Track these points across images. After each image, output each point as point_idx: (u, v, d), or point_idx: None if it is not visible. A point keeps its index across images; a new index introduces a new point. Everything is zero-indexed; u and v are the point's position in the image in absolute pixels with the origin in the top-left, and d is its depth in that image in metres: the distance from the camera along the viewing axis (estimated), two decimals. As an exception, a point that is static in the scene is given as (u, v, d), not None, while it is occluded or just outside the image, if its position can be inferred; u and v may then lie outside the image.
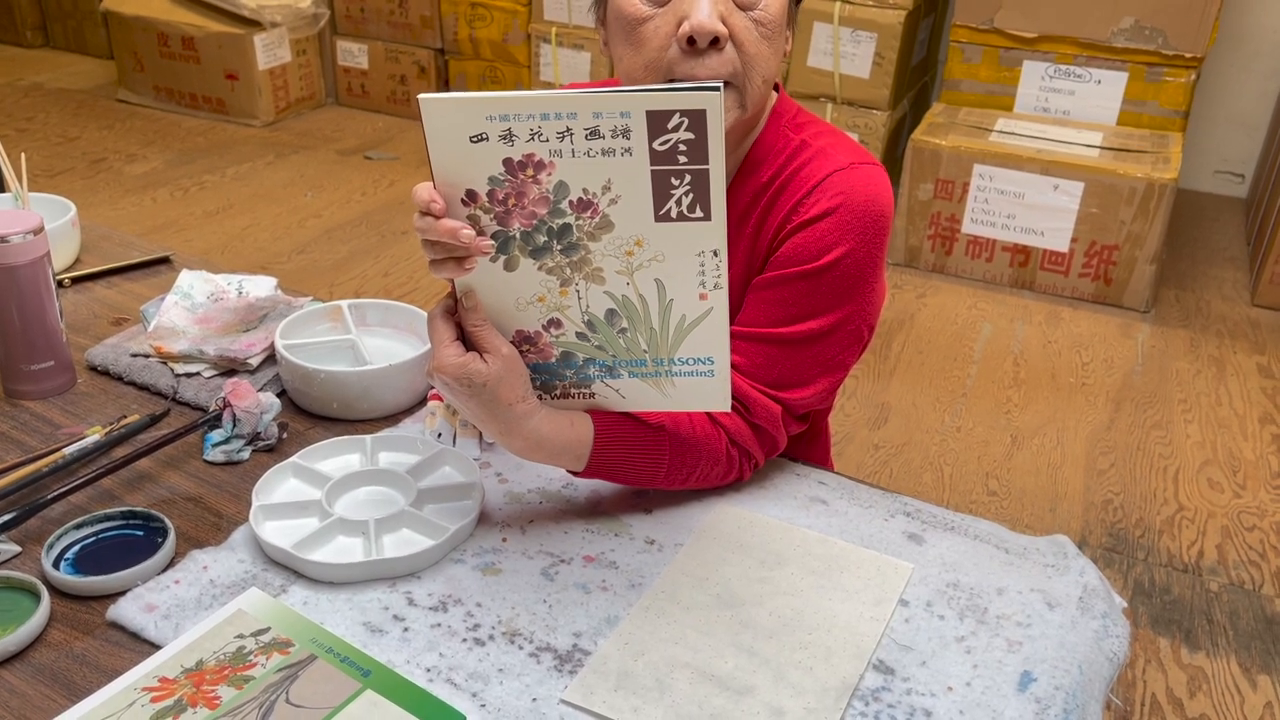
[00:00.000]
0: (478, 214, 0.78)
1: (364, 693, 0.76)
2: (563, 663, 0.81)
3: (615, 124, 0.72)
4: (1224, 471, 2.29)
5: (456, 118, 0.73)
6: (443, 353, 0.82)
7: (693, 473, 0.96)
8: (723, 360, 0.85)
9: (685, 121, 0.71)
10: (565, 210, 0.77)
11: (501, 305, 0.83)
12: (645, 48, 0.92)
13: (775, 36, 0.93)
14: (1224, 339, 2.84)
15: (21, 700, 0.76)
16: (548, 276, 0.81)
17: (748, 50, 0.92)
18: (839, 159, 1.00)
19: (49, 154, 3.70)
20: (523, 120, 0.73)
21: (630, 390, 0.88)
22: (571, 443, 0.89)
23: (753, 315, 1.00)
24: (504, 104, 0.72)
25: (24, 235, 1.04)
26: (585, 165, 0.74)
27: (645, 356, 0.85)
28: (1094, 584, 0.91)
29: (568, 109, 0.72)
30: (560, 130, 0.73)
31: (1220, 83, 3.63)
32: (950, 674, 0.81)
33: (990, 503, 2.16)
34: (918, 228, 3.11)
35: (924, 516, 0.99)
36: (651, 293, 0.81)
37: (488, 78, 3.99)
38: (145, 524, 0.92)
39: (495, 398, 0.83)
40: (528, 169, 0.75)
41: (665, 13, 0.91)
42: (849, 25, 3.25)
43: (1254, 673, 1.77)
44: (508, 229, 0.78)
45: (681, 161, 0.74)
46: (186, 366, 1.14)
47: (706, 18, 0.88)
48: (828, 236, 0.97)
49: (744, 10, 0.91)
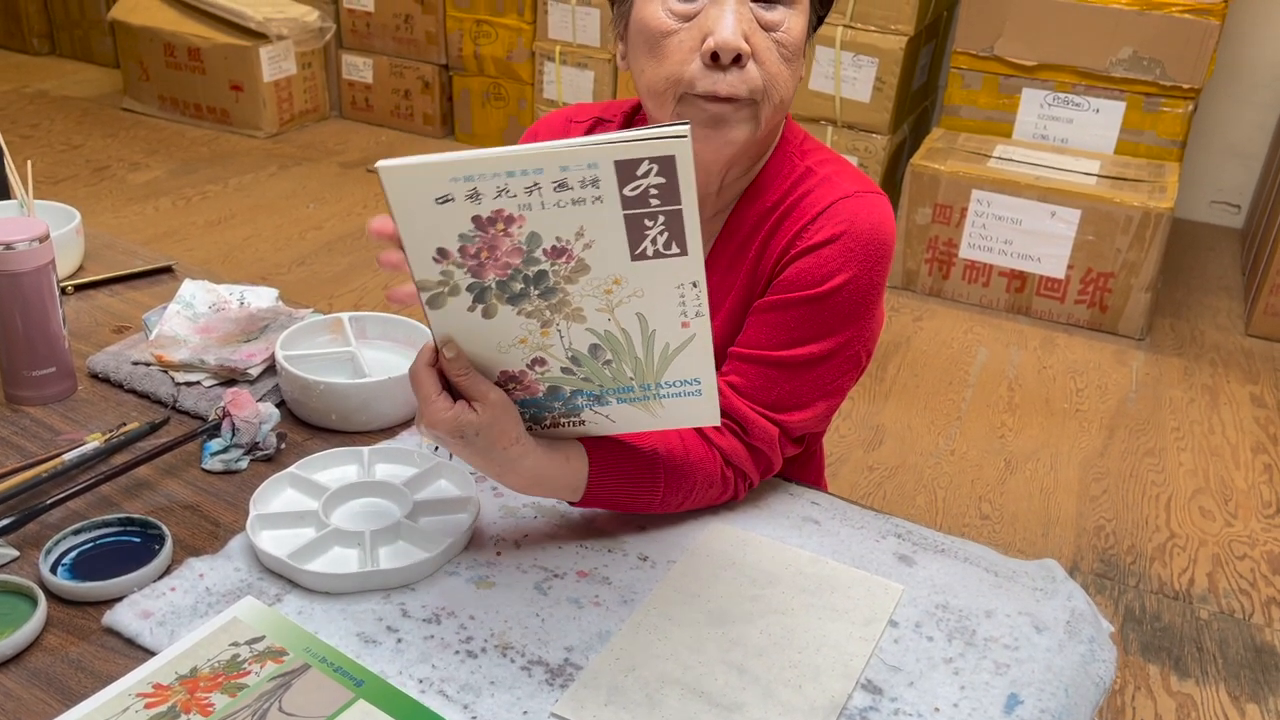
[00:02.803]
0: (451, 269, 0.76)
1: (356, 702, 0.76)
2: (554, 676, 0.81)
3: (583, 175, 0.71)
4: (1216, 500, 2.30)
5: (419, 183, 0.71)
6: (431, 407, 0.81)
7: (688, 497, 0.97)
8: (709, 379, 0.84)
9: (655, 167, 0.70)
10: (540, 258, 0.76)
11: (484, 350, 0.82)
12: (668, 61, 0.94)
13: (795, 59, 0.95)
14: (1218, 368, 2.86)
15: (16, 704, 0.77)
16: (527, 320, 0.80)
17: (769, 70, 0.93)
18: (844, 186, 1.01)
19: (53, 161, 3.71)
20: (488, 179, 0.71)
21: (619, 415, 0.88)
22: (567, 476, 0.90)
23: (754, 337, 1.01)
24: (467, 165, 0.70)
25: (30, 243, 1.05)
26: (556, 215, 0.73)
27: (632, 384, 0.85)
28: (1082, 608, 0.92)
29: (533, 165, 0.70)
30: (528, 185, 0.71)
31: (1217, 114, 3.66)
32: (938, 695, 0.82)
33: (983, 526, 2.17)
34: (915, 251, 3.13)
35: (915, 538, 1.00)
36: (634, 326, 0.80)
37: (491, 94, 4.02)
38: (143, 531, 0.93)
39: (490, 444, 0.83)
40: (497, 224, 0.73)
41: (690, 27, 0.93)
42: (851, 50, 3.27)
43: (1243, 701, 1.77)
44: (483, 280, 0.77)
45: (654, 204, 0.72)
46: (187, 375, 1.15)
47: (731, 34, 0.90)
48: (831, 263, 0.99)
49: (767, 30, 0.93)
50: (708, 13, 0.92)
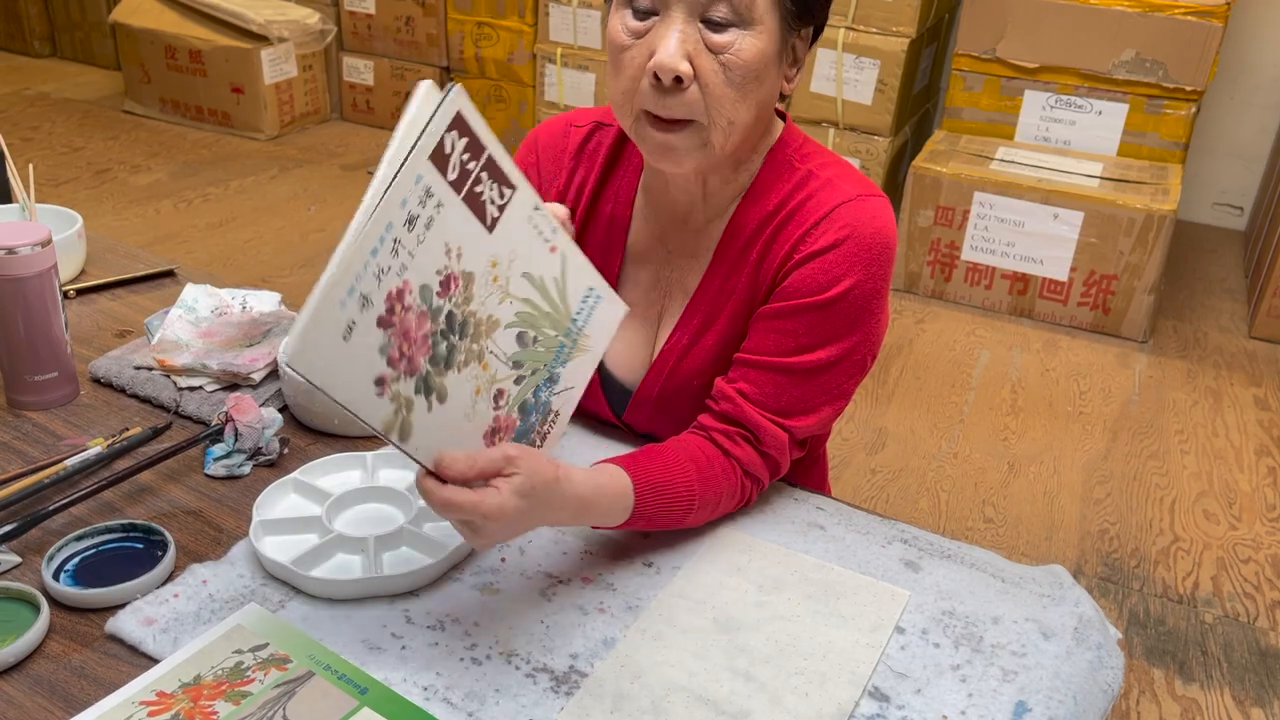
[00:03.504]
0: (395, 389, 0.73)
1: (361, 710, 0.76)
2: (559, 684, 0.81)
3: (419, 195, 0.70)
4: (1220, 503, 2.30)
5: (319, 335, 0.67)
6: (483, 507, 0.77)
7: (715, 510, 0.98)
8: (597, 279, 0.88)
9: (454, 133, 0.71)
10: (440, 304, 0.75)
11: (458, 431, 0.80)
12: (622, 76, 0.95)
13: (747, 82, 0.92)
14: (1221, 370, 2.85)
15: (19, 712, 0.76)
16: (468, 369, 0.79)
17: (713, 93, 0.92)
18: (846, 190, 1.01)
19: (54, 163, 3.71)
20: (364, 276, 0.68)
21: (571, 377, 0.90)
22: (616, 485, 0.89)
23: (761, 344, 1.01)
24: (343, 278, 0.67)
25: (32, 247, 1.05)
26: (424, 252, 0.72)
27: (560, 340, 0.87)
28: (1089, 614, 0.91)
29: (382, 225, 0.68)
30: (390, 248, 0.70)
31: (1220, 116, 3.65)
32: (945, 702, 0.82)
33: (986, 530, 2.17)
34: (917, 254, 3.13)
35: (921, 544, 0.99)
36: (527, 289, 0.82)
37: (492, 96, 4.01)
38: (145, 537, 0.92)
39: (540, 484, 0.80)
40: (395, 309, 0.71)
41: (642, 45, 0.92)
42: (852, 52, 3.27)
43: (1247, 705, 1.77)
44: (419, 370, 0.75)
45: (471, 167, 0.73)
46: (189, 380, 1.14)
47: (668, 57, 0.89)
48: (836, 268, 0.98)
49: (715, 53, 0.91)
50: (656, 32, 0.91)
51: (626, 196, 1.09)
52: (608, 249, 1.10)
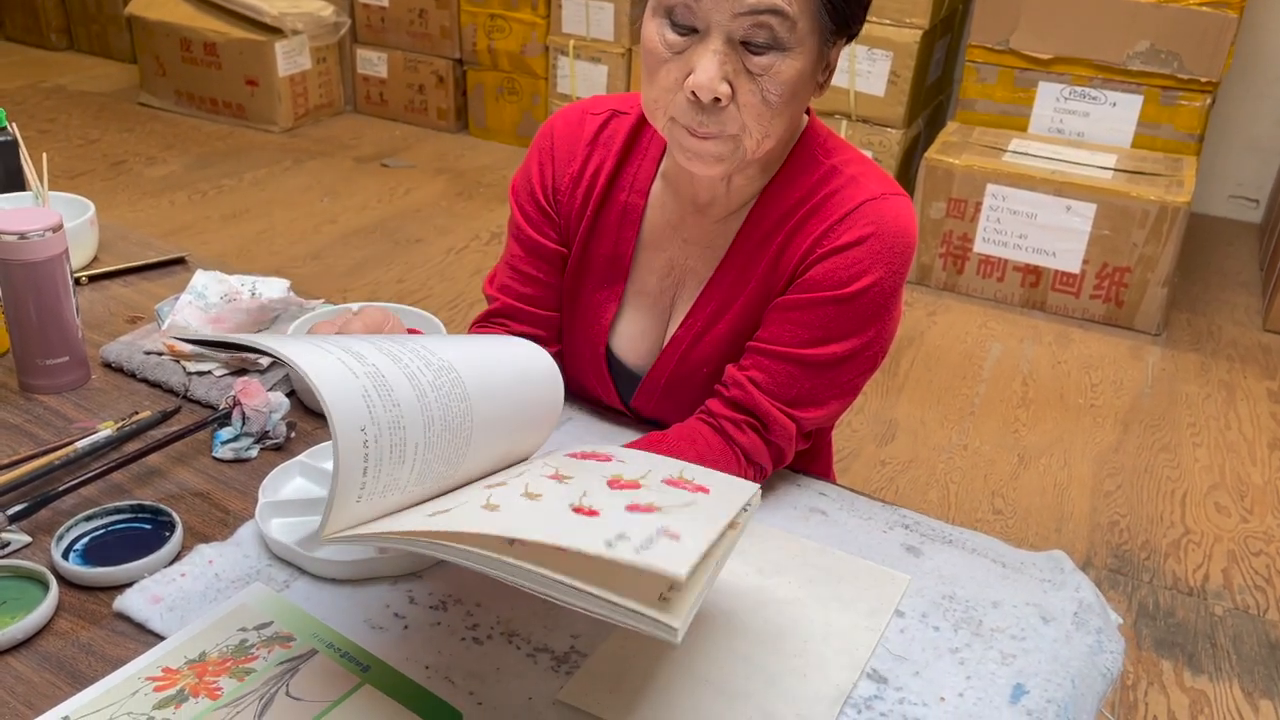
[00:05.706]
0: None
1: (362, 687, 0.77)
2: (560, 663, 0.82)
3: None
4: (1231, 496, 2.29)
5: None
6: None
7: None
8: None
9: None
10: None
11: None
12: (656, 85, 0.95)
13: (784, 103, 0.93)
14: (1235, 363, 2.84)
15: (28, 687, 0.78)
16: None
17: (750, 113, 0.93)
18: (871, 188, 1.01)
19: (70, 155, 3.74)
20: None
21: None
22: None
23: (777, 334, 1.01)
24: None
25: (43, 232, 1.06)
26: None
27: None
28: (1089, 599, 0.92)
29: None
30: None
31: (1235, 107, 3.63)
32: (943, 684, 0.82)
33: (995, 521, 2.16)
34: (929, 246, 3.12)
35: (922, 529, 1.00)
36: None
37: (505, 88, 4.02)
38: (153, 518, 0.94)
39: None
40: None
41: (679, 60, 0.93)
42: (865, 43, 3.26)
43: (1256, 698, 1.76)
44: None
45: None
46: (198, 365, 1.16)
47: (708, 79, 0.90)
48: (858, 264, 0.99)
49: (753, 74, 0.91)
50: (695, 50, 0.91)
51: (642, 184, 1.10)
52: (622, 236, 1.10)
